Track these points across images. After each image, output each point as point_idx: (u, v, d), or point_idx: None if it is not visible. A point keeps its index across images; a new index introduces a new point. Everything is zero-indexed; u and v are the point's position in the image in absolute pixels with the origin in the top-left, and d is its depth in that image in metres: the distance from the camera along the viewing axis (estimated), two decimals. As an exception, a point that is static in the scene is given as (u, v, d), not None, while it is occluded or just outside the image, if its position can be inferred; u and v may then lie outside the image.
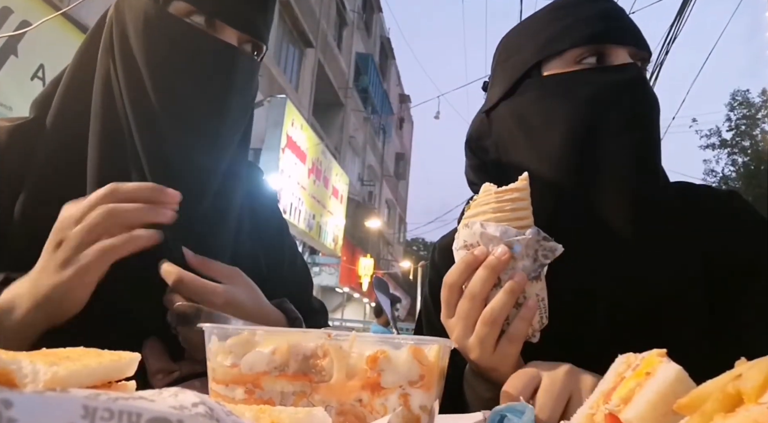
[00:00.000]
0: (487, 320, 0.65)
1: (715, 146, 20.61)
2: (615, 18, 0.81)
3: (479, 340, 0.66)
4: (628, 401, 0.42)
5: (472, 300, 0.66)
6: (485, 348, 0.66)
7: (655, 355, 0.44)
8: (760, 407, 0.29)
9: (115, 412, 0.24)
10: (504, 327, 0.67)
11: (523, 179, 0.68)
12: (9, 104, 4.05)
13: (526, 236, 0.66)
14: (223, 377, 0.48)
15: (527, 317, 0.66)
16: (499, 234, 0.66)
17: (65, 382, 0.32)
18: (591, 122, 0.77)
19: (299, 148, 10.21)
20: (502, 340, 0.66)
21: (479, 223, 0.67)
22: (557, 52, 0.81)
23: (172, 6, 0.76)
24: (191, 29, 0.76)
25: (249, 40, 0.81)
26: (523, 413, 0.50)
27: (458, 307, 0.68)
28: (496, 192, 0.68)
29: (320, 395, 0.46)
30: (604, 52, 0.79)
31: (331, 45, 15.31)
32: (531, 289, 0.67)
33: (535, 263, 0.67)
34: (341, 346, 0.47)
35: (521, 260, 0.66)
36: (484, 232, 0.67)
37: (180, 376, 0.75)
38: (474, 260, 0.67)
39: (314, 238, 11.73)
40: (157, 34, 0.75)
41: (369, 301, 17.79)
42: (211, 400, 0.29)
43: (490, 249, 0.66)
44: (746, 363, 0.32)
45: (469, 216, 0.70)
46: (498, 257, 0.65)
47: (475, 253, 0.67)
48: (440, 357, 0.49)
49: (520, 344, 0.67)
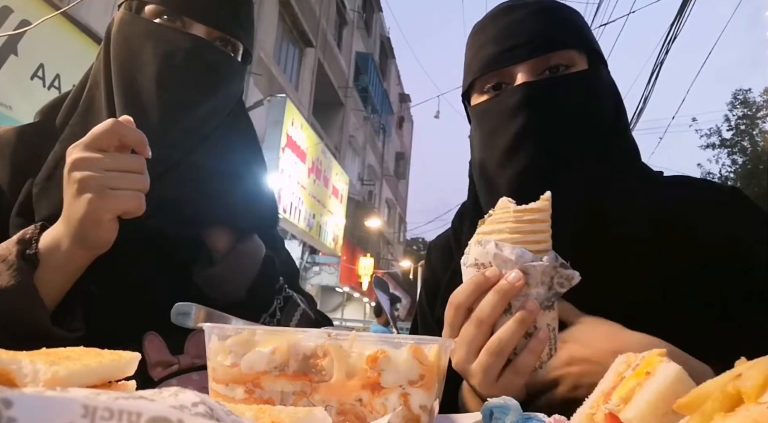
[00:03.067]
0: (493, 350, 0.62)
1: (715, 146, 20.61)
2: (511, 36, 0.81)
3: (483, 368, 0.62)
4: (628, 401, 0.42)
5: (479, 325, 0.63)
6: (488, 377, 0.63)
7: (655, 354, 0.44)
8: (760, 407, 0.29)
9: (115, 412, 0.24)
10: (510, 356, 0.63)
11: (544, 200, 0.63)
12: (9, 103, 4.04)
13: (543, 263, 0.61)
14: (223, 377, 0.48)
15: (537, 350, 0.62)
16: (514, 257, 0.61)
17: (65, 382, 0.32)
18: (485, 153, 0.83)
19: (299, 148, 10.21)
20: (507, 371, 0.63)
21: (494, 242, 0.62)
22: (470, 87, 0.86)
23: (144, 11, 0.85)
24: (157, 27, 0.84)
25: (220, 36, 0.86)
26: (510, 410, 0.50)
27: (463, 330, 0.64)
28: (515, 211, 0.62)
29: (320, 395, 0.46)
30: (503, 77, 0.82)
31: (331, 44, 15.30)
32: (542, 319, 0.63)
33: (549, 291, 0.62)
34: (341, 345, 0.47)
35: (535, 287, 0.62)
36: (498, 254, 0.62)
37: (179, 369, 0.77)
38: (485, 282, 0.62)
39: (314, 237, 11.73)
40: (127, 34, 0.84)
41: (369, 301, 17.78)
42: (211, 400, 0.29)
43: (503, 272, 0.62)
44: (746, 363, 0.32)
45: (483, 232, 0.64)
46: (511, 283, 0.61)
47: (487, 275, 0.62)
48: (440, 357, 0.49)
49: (526, 376, 0.63)
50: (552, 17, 0.82)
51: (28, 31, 3.77)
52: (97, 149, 0.69)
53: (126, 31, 0.84)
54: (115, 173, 0.69)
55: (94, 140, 0.69)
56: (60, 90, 4.47)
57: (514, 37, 0.80)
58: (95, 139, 0.69)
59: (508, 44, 0.80)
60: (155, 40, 0.82)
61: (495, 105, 0.81)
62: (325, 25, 14.39)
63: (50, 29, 4.15)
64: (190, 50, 0.83)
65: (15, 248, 0.69)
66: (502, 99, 0.80)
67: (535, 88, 0.79)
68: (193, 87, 0.83)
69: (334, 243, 13.25)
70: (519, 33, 0.80)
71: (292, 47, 12.59)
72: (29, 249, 0.70)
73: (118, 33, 0.85)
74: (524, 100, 0.78)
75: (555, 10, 0.83)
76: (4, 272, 0.67)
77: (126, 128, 0.70)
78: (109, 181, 0.69)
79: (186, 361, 0.78)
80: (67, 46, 4.58)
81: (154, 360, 0.77)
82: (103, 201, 0.68)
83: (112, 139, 0.70)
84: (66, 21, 4.48)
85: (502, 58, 0.80)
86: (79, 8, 4.35)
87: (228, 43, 0.88)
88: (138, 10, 0.85)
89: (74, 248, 0.70)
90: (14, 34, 3.86)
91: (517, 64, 0.80)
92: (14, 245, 0.69)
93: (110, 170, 0.69)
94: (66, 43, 4.56)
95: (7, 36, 3.85)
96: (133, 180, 0.70)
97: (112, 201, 0.69)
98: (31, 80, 4.23)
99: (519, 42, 0.80)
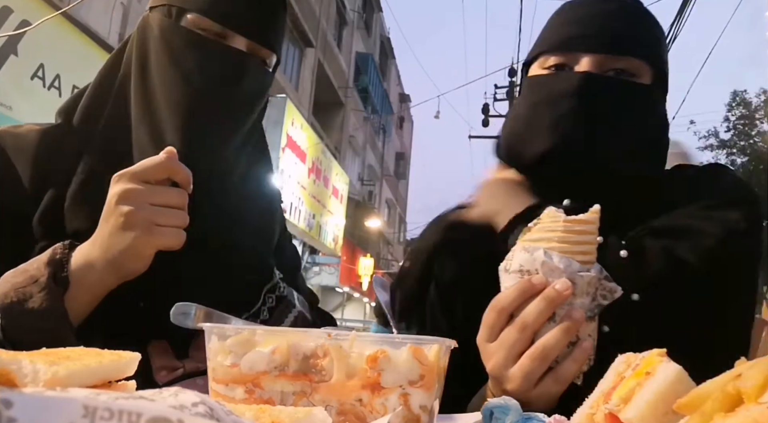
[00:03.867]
0: (537, 356, 0.62)
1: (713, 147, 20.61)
2: (592, 24, 0.82)
3: (524, 374, 0.62)
4: (628, 401, 0.42)
5: (523, 330, 0.63)
6: (528, 383, 0.62)
7: (655, 354, 0.45)
8: (760, 407, 0.29)
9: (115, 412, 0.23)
10: (552, 364, 0.63)
11: (594, 212, 0.63)
12: (9, 103, 4.05)
13: (590, 273, 0.62)
14: (223, 377, 0.48)
15: (580, 359, 0.63)
16: (563, 266, 0.62)
17: (65, 382, 0.32)
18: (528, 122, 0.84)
19: (299, 148, 10.22)
20: (547, 379, 0.63)
21: (543, 250, 0.63)
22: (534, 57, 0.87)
23: (184, 19, 0.81)
24: (199, 38, 0.80)
25: (258, 49, 0.84)
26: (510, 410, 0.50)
27: (504, 334, 0.64)
28: (564, 221, 0.63)
29: (320, 395, 0.46)
30: (568, 59, 0.82)
31: (331, 44, 15.30)
32: (584, 330, 0.64)
33: (593, 302, 0.64)
34: (341, 345, 0.47)
35: (580, 297, 0.62)
36: (546, 262, 0.62)
37: (183, 373, 0.76)
38: (531, 288, 0.63)
39: (314, 237, 11.73)
40: (170, 45, 0.80)
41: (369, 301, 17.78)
42: (211, 400, 0.29)
43: (550, 280, 0.62)
44: (746, 363, 0.32)
45: (530, 240, 0.65)
46: (560, 291, 0.61)
47: (533, 282, 0.62)
48: (440, 357, 0.49)
49: (566, 385, 0.63)
50: (638, 22, 0.83)
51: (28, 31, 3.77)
52: (143, 181, 0.69)
53: (169, 40, 0.81)
54: (161, 209, 0.69)
55: (144, 173, 0.69)
56: (60, 90, 4.47)
57: (595, 26, 0.82)
58: (144, 172, 0.69)
59: (586, 32, 0.81)
60: (201, 53, 0.80)
61: (550, 81, 0.83)
62: (325, 25, 14.39)
63: (50, 29, 4.15)
64: (237, 67, 0.81)
65: (47, 270, 0.68)
66: (560, 79, 0.82)
67: (593, 79, 0.80)
68: (237, 104, 0.82)
69: (334, 243, 13.25)
70: (600, 25, 0.82)
71: (292, 47, 12.60)
72: (61, 271, 0.69)
73: (160, 41, 0.81)
74: (580, 87, 0.79)
75: (644, 17, 0.84)
76: (36, 294, 0.66)
77: (177, 165, 0.71)
78: (156, 217, 0.69)
79: (191, 365, 0.77)
80: (67, 46, 4.58)
81: (158, 364, 0.76)
82: (148, 238, 0.68)
83: (162, 175, 0.70)
84: (66, 21, 4.48)
85: (574, 41, 0.82)
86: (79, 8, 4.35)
87: (264, 55, 0.85)
88: (178, 17, 0.81)
89: (107, 275, 0.70)
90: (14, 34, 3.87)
91: (586, 52, 0.81)
92: (45, 266, 0.68)
93: (156, 205, 0.69)
94: (66, 43, 4.56)
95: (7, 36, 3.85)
96: (176, 216, 0.71)
97: (156, 238, 0.69)
98: (31, 80, 4.24)
99: (596, 33, 0.81)
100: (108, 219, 0.69)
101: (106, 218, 0.69)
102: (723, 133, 20.46)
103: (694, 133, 21.41)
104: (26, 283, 0.67)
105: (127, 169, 0.70)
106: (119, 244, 0.68)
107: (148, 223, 0.68)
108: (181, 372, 0.77)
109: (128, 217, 0.68)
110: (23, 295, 0.66)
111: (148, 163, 0.70)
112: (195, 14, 0.80)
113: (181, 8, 0.81)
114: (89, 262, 0.70)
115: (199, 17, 0.80)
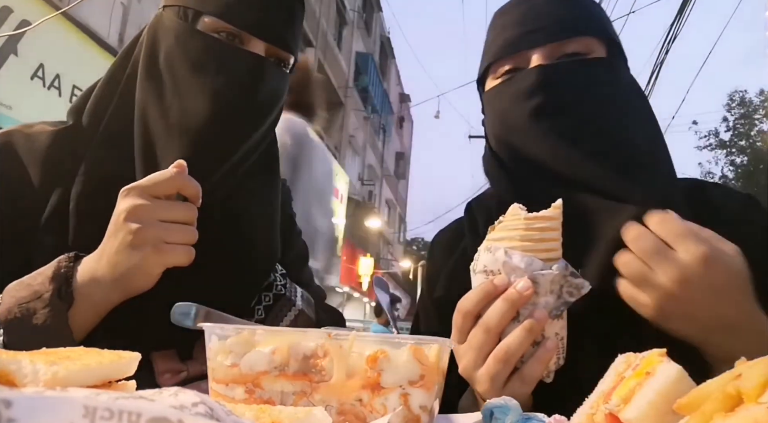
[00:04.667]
0: (500, 357, 0.61)
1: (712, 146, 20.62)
2: (528, 21, 0.81)
3: (490, 375, 0.62)
4: (628, 401, 0.42)
5: (487, 332, 0.62)
6: (495, 384, 0.62)
7: (655, 354, 0.44)
8: (760, 407, 0.29)
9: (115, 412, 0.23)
10: (518, 364, 0.62)
11: (556, 208, 0.63)
12: (9, 103, 4.05)
13: (552, 271, 0.61)
14: (223, 377, 0.48)
15: (544, 359, 0.62)
16: (523, 265, 0.61)
17: (65, 382, 0.32)
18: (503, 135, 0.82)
19: (299, 148, 10.20)
20: (514, 379, 0.62)
21: (503, 249, 0.62)
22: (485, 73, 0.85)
23: (200, 22, 0.79)
24: (217, 43, 0.78)
25: (276, 52, 0.82)
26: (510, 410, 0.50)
27: (471, 335, 0.64)
28: (525, 218, 0.62)
29: (320, 395, 0.46)
30: (518, 62, 0.81)
31: (331, 44, 15.29)
32: (551, 328, 0.63)
33: (558, 300, 0.62)
34: (341, 345, 0.47)
35: (544, 296, 0.62)
36: (507, 261, 0.62)
37: (187, 376, 0.76)
38: (493, 290, 0.62)
39: (314, 237, 11.70)
40: (185, 49, 0.78)
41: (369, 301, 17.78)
42: (211, 400, 0.29)
43: (512, 279, 0.62)
44: (746, 363, 0.32)
45: (493, 239, 0.64)
46: (520, 291, 0.61)
47: (495, 283, 0.62)
48: (440, 357, 0.49)
49: (533, 385, 0.63)
50: (571, 4, 0.82)
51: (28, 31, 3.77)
52: (152, 195, 0.68)
53: (184, 45, 0.78)
54: (170, 226, 0.68)
55: (153, 188, 0.68)
56: (60, 90, 4.47)
57: (532, 22, 0.80)
58: (154, 187, 0.68)
59: (526, 29, 0.80)
60: (218, 59, 0.78)
61: (508, 87, 0.81)
62: (325, 25, 14.38)
63: (50, 29, 4.15)
64: (254, 72, 0.79)
65: (51, 286, 0.66)
66: (515, 81, 0.80)
67: (549, 70, 0.78)
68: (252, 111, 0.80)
69: (334, 243, 13.23)
70: (537, 18, 0.80)
71: (292, 47, 12.58)
72: (66, 287, 0.67)
73: (175, 46, 0.79)
74: (537, 82, 0.77)
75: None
76: (39, 310, 0.65)
77: (187, 179, 0.69)
78: (165, 234, 0.67)
79: (195, 368, 0.76)
80: (67, 46, 4.58)
81: (162, 367, 0.75)
82: (157, 257, 0.67)
83: (171, 190, 0.69)
84: (66, 21, 4.48)
85: (518, 42, 0.80)
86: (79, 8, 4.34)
87: (282, 57, 0.84)
88: (194, 19, 0.79)
89: (113, 291, 0.68)
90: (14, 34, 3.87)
91: (533, 48, 0.79)
92: (50, 282, 0.67)
93: (165, 220, 0.68)
94: (66, 43, 4.56)
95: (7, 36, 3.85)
96: (186, 233, 0.69)
97: (165, 256, 0.68)
98: (31, 80, 4.23)
99: (536, 27, 0.79)
100: (116, 235, 0.67)
101: (114, 234, 0.68)
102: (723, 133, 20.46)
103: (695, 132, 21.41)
104: (30, 299, 0.66)
105: (136, 183, 0.68)
106: (127, 262, 0.67)
107: (157, 240, 0.67)
108: (185, 375, 0.76)
109: (137, 235, 0.66)
110: (27, 311, 0.65)
111: (157, 178, 0.68)
112: (212, 17, 0.78)
113: (197, 11, 0.79)
114: (95, 279, 0.68)
115: (216, 20, 0.78)
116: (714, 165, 20.85)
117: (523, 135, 0.78)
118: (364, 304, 18.77)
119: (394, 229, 26.38)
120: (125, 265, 0.67)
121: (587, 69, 0.78)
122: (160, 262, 0.68)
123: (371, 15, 20.48)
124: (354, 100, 17.67)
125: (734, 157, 20.20)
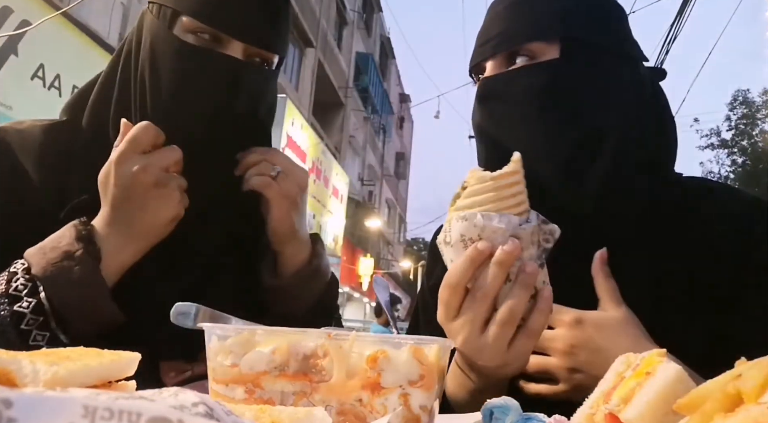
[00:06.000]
0: (506, 320, 0.61)
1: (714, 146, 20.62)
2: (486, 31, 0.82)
3: (494, 341, 0.61)
4: (628, 401, 0.42)
5: (484, 300, 0.61)
6: (499, 348, 0.62)
7: (655, 354, 0.44)
8: (760, 407, 0.29)
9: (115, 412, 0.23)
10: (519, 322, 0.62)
11: (516, 161, 0.62)
12: (9, 103, 4.04)
13: (531, 223, 0.61)
14: (223, 377, 0.48)
15: (546, 309, 0.62)
16: (504, 225, 0.60)
17: (65, 382, 0.32)
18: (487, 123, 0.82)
19: (299, 148, 10.20)
20: (519, 337, 0.62)
21: (479, 214, 0.61)
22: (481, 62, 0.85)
23: (179, 23, 0.78)
24: (192, 48, 0.78)
25: (258, 52, 0.81)
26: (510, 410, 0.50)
27: (464, 307, 0.63)
28: (492, 178, 0.61)
29: (320, 395, 0.46)
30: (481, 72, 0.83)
31: (331, 44, 15.29)
32: (540, 278, 0.63)
33: (538, 249, 0.63)
34: (341, 345, 0.47)
35: (527, 250, 0.61)
36: (487, 225, 0.60)
37: (192, 375, 0.76)
38: (479, 256, 0.61)
39: (314, 237, 11.70)
40: (160, 55, 0.78)
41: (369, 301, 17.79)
42: (211, 400, 0.29)
43: (496, 242, 0.61)
44: (746, 363, 0.32)
45: (464, 207, 0.63)
46: (510, 252, 0.60)
47: (480, 248, 0.61)
48: (440, 357, 0.49)
49: (538, 337, 0.64)
50: (522, 10, 0.80)
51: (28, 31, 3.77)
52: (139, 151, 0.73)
53: (162, 48, 0.78)
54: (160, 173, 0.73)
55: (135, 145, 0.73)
56: (60, 90, 4.47)
57: (487, 32, 0.82)
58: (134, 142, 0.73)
59: (482, 40, 0.83)
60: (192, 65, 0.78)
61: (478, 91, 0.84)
62: (325, 25, 14.38)
63: (50, 29, 4.15)
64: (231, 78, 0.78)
65: (79, 245, 0.71)
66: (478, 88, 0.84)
67: (486, 83, 0.81)
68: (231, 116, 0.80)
69: (334, 243, 13.24)
70: (491, 27, 0.82)
71: (292, 47, 12.59)
72: (92, 245, 0.72)
73: (152, 51, 0.79)
74: (479, 96, 0.82)
75: (528, 2, 0.81)
76: (73, 267, 0.69)
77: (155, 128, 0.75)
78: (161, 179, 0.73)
79: (200, 368, 0.76)
80: (67, 46, 4.58)
81: (167, 366, 0.76)
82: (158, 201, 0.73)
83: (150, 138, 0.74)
84: (66, 21, 4.48)
85: (476, 54, 0.84)
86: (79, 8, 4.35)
87: (265, 57, 0.83)
88: (171, 20, 0.78)
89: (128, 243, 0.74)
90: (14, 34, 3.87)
91: (486, 60, 0.82)
92: (77, 241, 0.71)
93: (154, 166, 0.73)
94: (66, 43, 4.56)
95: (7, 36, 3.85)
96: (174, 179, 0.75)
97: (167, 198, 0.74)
98: (31, 80, 4.24)
99: (489, 37, 0.81)
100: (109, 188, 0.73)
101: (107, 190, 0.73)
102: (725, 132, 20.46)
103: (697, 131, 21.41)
104: (61, 258, 0.70)
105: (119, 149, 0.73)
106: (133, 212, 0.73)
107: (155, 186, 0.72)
108: (189, 374, 0.76)
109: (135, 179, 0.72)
110: (62, 268, 0.69)
111: (132, 133, 0.73)
112: (189, 18, 0.77)
113: (175, 11, 0.78)
114: (110, 235, 0.73)
115: (194, 21, 0.77)
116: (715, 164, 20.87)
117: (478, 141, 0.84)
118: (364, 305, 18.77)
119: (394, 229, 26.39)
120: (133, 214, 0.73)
121: (527, 76, 0.78)
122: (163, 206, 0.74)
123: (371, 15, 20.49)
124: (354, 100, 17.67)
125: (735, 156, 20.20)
